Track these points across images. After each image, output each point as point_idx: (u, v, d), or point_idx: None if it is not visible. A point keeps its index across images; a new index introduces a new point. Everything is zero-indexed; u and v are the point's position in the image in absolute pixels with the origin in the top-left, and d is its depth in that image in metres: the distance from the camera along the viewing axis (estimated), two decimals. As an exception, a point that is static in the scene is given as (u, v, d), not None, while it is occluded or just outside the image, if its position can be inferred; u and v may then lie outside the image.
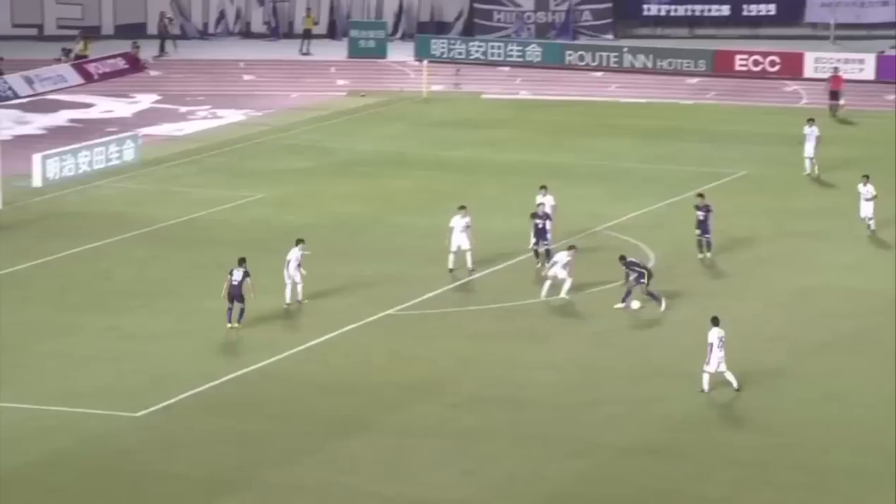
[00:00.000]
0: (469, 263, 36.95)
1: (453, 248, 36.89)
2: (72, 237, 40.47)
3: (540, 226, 37.36)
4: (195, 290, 34.71)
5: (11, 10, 68.17)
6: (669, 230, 41.33)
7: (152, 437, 28.00)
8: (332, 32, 70.42)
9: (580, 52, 65.71)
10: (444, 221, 37.93)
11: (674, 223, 42.10)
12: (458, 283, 36.79)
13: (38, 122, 55.58)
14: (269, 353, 32.02)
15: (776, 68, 63.40)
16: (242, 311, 33.28)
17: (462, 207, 37.40)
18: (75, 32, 66.18)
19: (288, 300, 34.54)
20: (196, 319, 33.83)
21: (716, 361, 29.94)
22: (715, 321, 30.34)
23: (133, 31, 67.69)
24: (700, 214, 38.28)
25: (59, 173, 46.46)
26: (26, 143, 50.59)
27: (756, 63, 63.79)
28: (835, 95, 56.20)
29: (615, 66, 64.87)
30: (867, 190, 40.63)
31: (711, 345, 29.96)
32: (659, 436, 28.24)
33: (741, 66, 63.83)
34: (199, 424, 28.61)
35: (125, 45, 65.37)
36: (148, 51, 65.85)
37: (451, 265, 36.92)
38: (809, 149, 46.75)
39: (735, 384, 29.96)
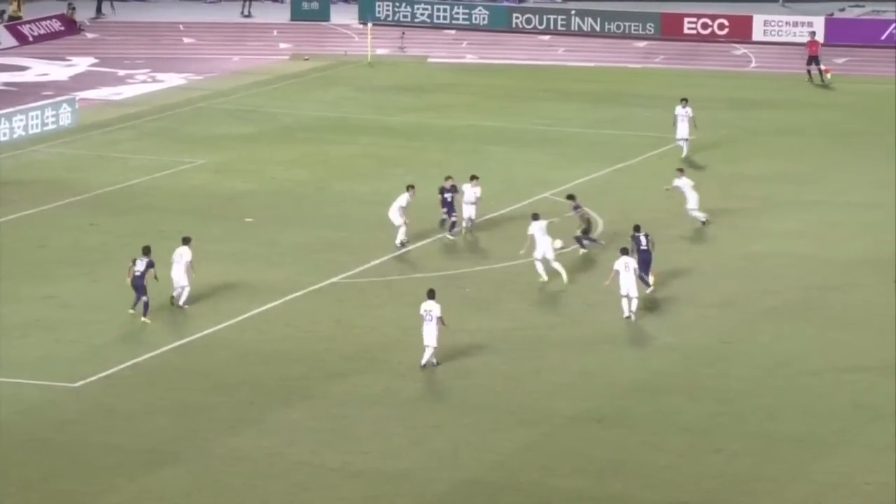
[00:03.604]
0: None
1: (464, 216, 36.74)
2: (6, 204, 39.72)
3: (449, 199, 37.15)
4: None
5: (-57, -30, 66.93)
6: (616, 196, 41.11)
7: (91, 407, 27.54)
8: (274, -6, 69.57)
9: (527, 16, 65.25)
10: (388, 188, 37.45)
11: (621, 189, 41.89)
12: (402, 251, 36.35)
13: (-29, 86, 54.61)
14: (211, 323, 31.51)
15: (725, 31, 63.19)
16: (146, 304, 31.32)
17: (474, 177, 37.08)
18: (9, -7, 65.07)
19: (182, 304, 32.10)
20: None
21: (541, 250, 33.36)
22: (535, 216, 34.03)
23: (69, -8, 66.59)
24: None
25: (-6, 138, 45.60)
26: (-40, 107, 49.63)
27: (704, 26, 63.57)
28: (813, 60, 55.80)
29: (563, 29, 64.48)
30: (685, 182, 38.01)
31: (533, 236, 33.50)
32: (606, 404, 28.03)
33: (689, 29, 63.59)
34: (139, 395, 28.12)
35: (60, 7, 64.32)
36: (84, 12, 64.83)
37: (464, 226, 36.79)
38: (682, 130, 44.55)
39: (565, 278, 33.37)
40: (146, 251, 31.83)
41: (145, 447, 25.95)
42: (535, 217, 34.41)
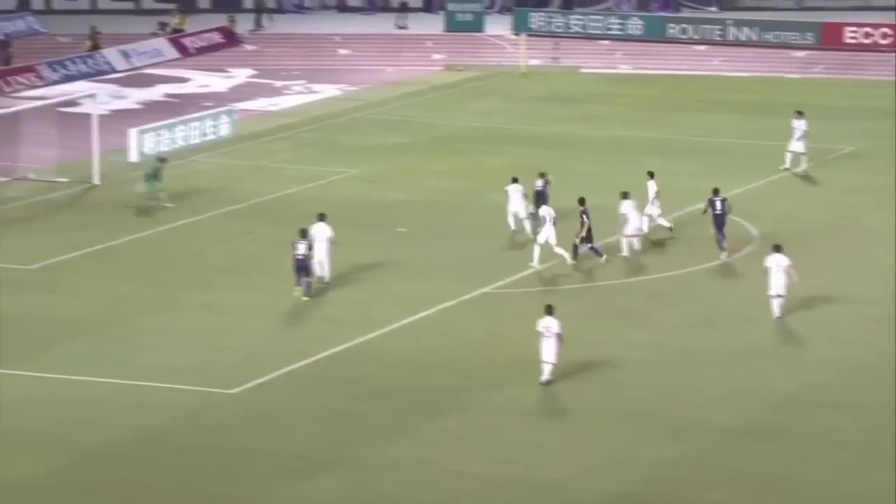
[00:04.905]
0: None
1: (628, 231, 36.25)
2: (167, 212, 40.55)
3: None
4: (289, 268, 34.52)
5: (110, -16, 68.79)
6: (772, 207, 40.57)
7: (247, 414, 27.92)
8: (429, 6, 70.08)
9: (682, 25, 64.74)
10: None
11: (776, 200, 41.33)
12: (554, 261, 36.28)
13: (134, 97, 55.86)
14: (363, 331, 31.78)
15: (888, 41, 61.89)
16: (309, 284, 33.32)
17: (625, 194, 36.60)
18: (172, 6, 66.49)
19: (321, 276, 34.04)
20: (290, 296, 33.71)
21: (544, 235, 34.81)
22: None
23: (229, 5, 67.90)
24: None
25: (156, 148, 46.58)
26: (123, 118, 50.86)
27: (867, 35, 62.34)
28: None
29: (719, 39, 63.83)
30: (651, 186, 37.41)
31: (544, 217, 35.02)
32: (760, 418, 27.62)
33: (851, 38, 62.41)
34: (293, 402, 28.46)
35: (221, 19, 65.58)
36: (244, 24, 66.00)
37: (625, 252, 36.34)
38: (797, 143, 43.58)
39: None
40: (303, 234, 33.62)
41: (299, 454, 26.24)
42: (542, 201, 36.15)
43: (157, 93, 56.64)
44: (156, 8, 67.78)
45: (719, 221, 35.88)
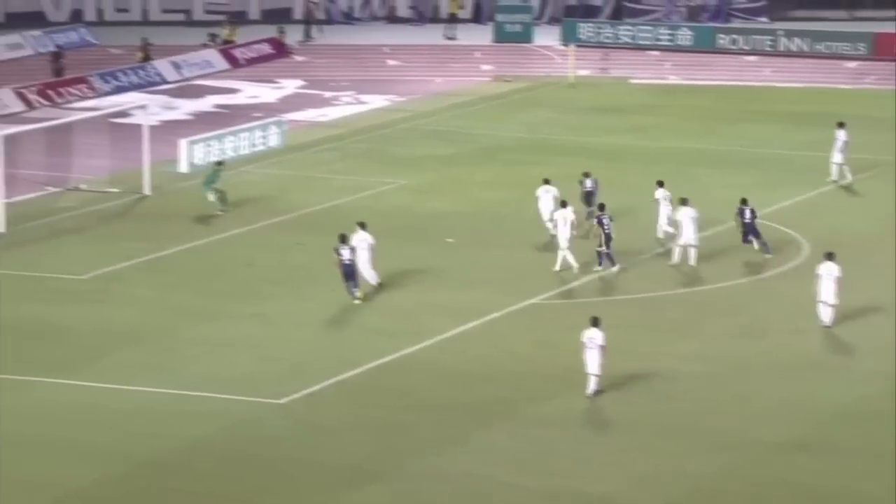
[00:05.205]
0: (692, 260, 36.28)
1: (681, 241, 36.23)
2: (217, 223, 40.77)
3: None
4: (338, 278, 34.67)
5: (161, -5, 69.27)
6: (823, 220, 40.31)
7: (295, 424, 28.01)
8: (478, 16, 70.15)
9: (732, 36, 64.48)
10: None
11: (826, 212, 41.07)
12: (603, 272, 36.20)
13: (185, 108, 56.17)
14: (412, 342, 31.82)
15: (941, 51, 61.41)
16: (356, 285, 33.66)
17: (683, 200, 36.54)
18: (222, 18, 66.88)
19: (372, 283, 34.39)
20: (338, 307, 33.84)
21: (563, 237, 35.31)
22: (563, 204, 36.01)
23: (279, 16, 68.21)
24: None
25: (205, 159, 46.82)
26: (173, 129, 51.16)
27: (919, 46, 61.92)
28: None
29: (769, 49, 63.52)
30: (662, 194, 37.60)
31: (556, 221, 35.65)
32: (811, 431, 27.46)
33: (904, 48, 61.98)
34: (342, 412, 28.54)
35: (271, 31, 65.87)
36: (293, 36, 66.26)
37: (676, 259, 36.27)
38: (837, 155, 43.37)
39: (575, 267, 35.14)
40: (343, 239, 33.87)
41: (348, 464, 26.29)
42: (564, 205, 36.36)
43: (207, 104, 56.93)
44: (206, 20, 68.19)
45: (750, 230, 36.02)
